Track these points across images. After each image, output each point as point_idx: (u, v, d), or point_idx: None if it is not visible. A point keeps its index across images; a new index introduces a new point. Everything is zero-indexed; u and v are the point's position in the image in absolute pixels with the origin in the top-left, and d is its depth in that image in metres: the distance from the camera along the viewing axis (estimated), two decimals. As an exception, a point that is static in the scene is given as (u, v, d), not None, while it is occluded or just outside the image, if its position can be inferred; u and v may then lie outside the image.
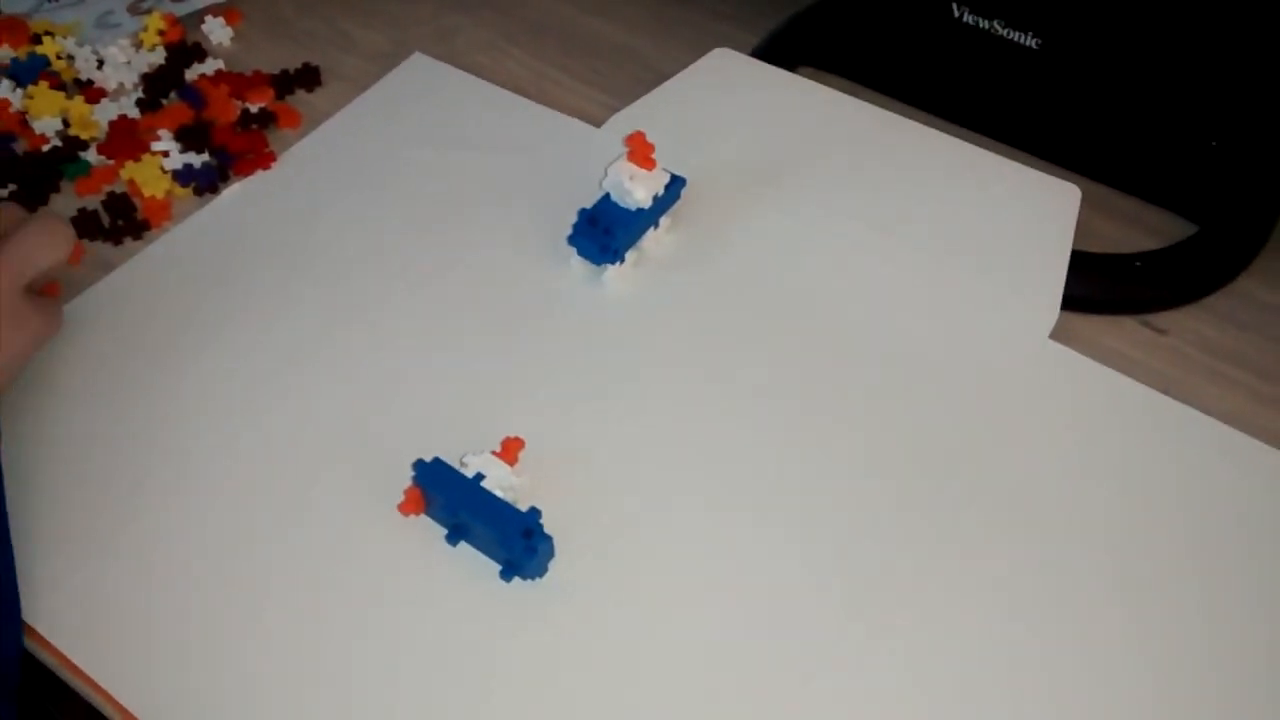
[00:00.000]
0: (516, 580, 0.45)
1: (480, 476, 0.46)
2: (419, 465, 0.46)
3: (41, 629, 0.44)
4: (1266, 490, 0.48)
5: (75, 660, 0.43)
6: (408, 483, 0.46)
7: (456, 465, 0.46)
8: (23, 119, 0.64)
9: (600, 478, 0.49)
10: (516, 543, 0.44)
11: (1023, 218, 0.58)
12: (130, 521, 0.47)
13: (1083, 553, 0.46)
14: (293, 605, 0.45)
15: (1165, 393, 0.52)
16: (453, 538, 0.46)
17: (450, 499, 0.45)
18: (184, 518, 0.47)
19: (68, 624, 0.45)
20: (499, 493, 0.45)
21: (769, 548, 0.46)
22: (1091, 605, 0.45)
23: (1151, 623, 0.44)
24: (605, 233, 0.55)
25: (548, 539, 0.44)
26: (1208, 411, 0.51)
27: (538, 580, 0.45)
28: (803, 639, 0.44)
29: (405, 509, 0.46)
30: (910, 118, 0.63)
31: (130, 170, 0.61)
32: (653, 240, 0.57)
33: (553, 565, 0.45)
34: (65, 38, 0.68)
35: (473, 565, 0.46)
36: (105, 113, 0.64)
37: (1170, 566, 0.46)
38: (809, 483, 0.48)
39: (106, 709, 0.43)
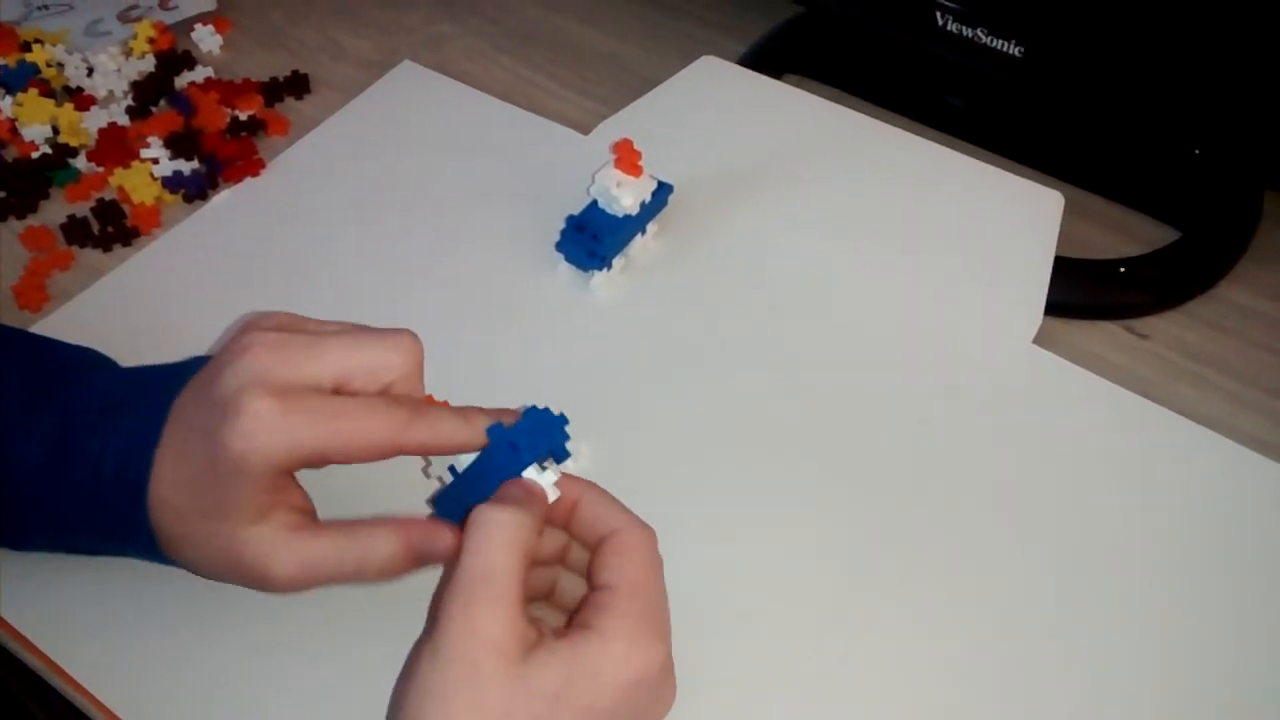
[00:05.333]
0: None
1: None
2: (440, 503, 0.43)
3: (26, 631, 0.44)
4: (1246, 492, 0.49)
5: (59, 662, 0.44)
6: (396, 484, 0.46)
7: (443, 473, 0.44)
8: (12, 126, 0.64)
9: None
10: (520, 458, 0.39)
11: (1006, 224, 0.59)
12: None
13: (1064, 554, 0.47)
14: (286, 606, 0.45)
15: (1147, 397, 0.52)
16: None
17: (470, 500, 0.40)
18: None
19: (51, 626, 0.45)
20: None
21: (757, 548, 0.47)
22: (1073, 605, 0.45)
23: (1131, 624, 0.45)
24: (593, 239, 0.55)
25: (539, 415, 0.40)
26: (1189, 415, 0.51)
27: None
28: (791, 636, 0.44)
29: None
30: (896, 125, 0.64)
31: (120, 177, 0.61)
32: (640, 246, 0.58)
33: None
34: (55, 45, 0.68)
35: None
36: (95, 120, 0.65)
37: (1150, 567, 0.46)
38: (796, 487, 0.49)
39: (91, 711, 0.43)
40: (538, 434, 0.39)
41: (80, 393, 0.42)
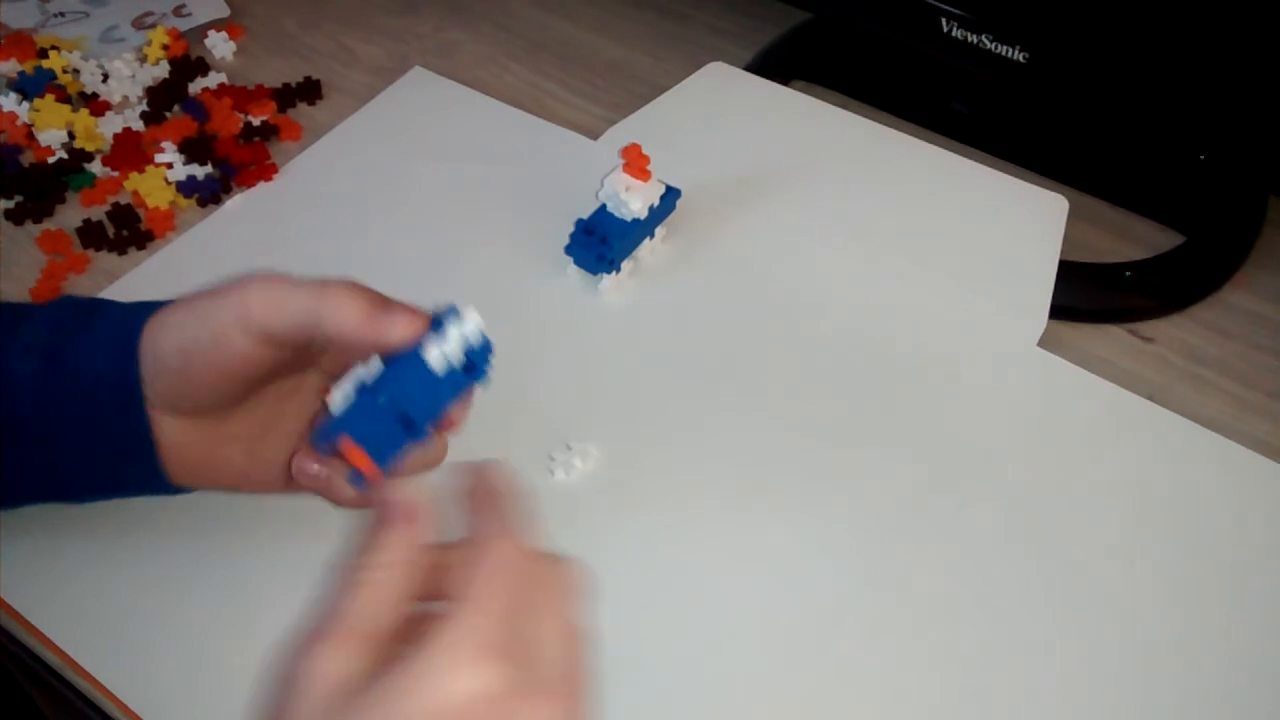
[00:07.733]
0: None
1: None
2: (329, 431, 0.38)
3: (44, 628, 0.45)
4: (1249, 494, 0.49)
5: (77, 659, 0.44)
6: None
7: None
8: (29, 131, 0.65)
9: (596, 485, 0.49)
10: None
11: (1012, 228, 0.59)
12: (130, 522, 0.48)
13: (1070, 555, 0.47)
14: (292, 603, 0.46)
15: (1151, 399, 0.53)
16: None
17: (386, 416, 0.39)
18: (182, 517, 0.48)
19: (69, 623, 0.45)
20: None
21: (762, 550, 0.47)
22: (1078, 607, 0.46)
23: (1136, 624, 0.45)
24: (602, 243, 0.56)
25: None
26: (1192, 418, 0.52)
27: None
28: (796, 639, 0.45)
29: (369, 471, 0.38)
30: (902, 130, 0.64)
31: (134, 182, 0.62)
32: (648, 250, 0.58)
33: None
34: (71, 52, 0.69)
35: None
36: (110, 125, 0.65)
37: (1155, 568, 0.47)
38: (803, 488, 0.49)
39: (105, 704, 0.43)
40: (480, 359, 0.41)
41: (53, 307, 0.43)
